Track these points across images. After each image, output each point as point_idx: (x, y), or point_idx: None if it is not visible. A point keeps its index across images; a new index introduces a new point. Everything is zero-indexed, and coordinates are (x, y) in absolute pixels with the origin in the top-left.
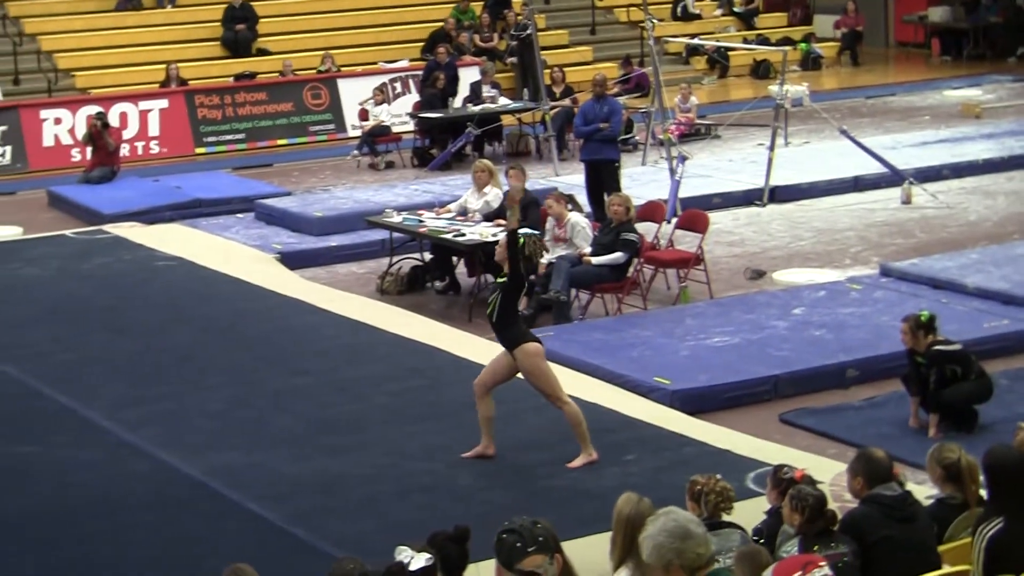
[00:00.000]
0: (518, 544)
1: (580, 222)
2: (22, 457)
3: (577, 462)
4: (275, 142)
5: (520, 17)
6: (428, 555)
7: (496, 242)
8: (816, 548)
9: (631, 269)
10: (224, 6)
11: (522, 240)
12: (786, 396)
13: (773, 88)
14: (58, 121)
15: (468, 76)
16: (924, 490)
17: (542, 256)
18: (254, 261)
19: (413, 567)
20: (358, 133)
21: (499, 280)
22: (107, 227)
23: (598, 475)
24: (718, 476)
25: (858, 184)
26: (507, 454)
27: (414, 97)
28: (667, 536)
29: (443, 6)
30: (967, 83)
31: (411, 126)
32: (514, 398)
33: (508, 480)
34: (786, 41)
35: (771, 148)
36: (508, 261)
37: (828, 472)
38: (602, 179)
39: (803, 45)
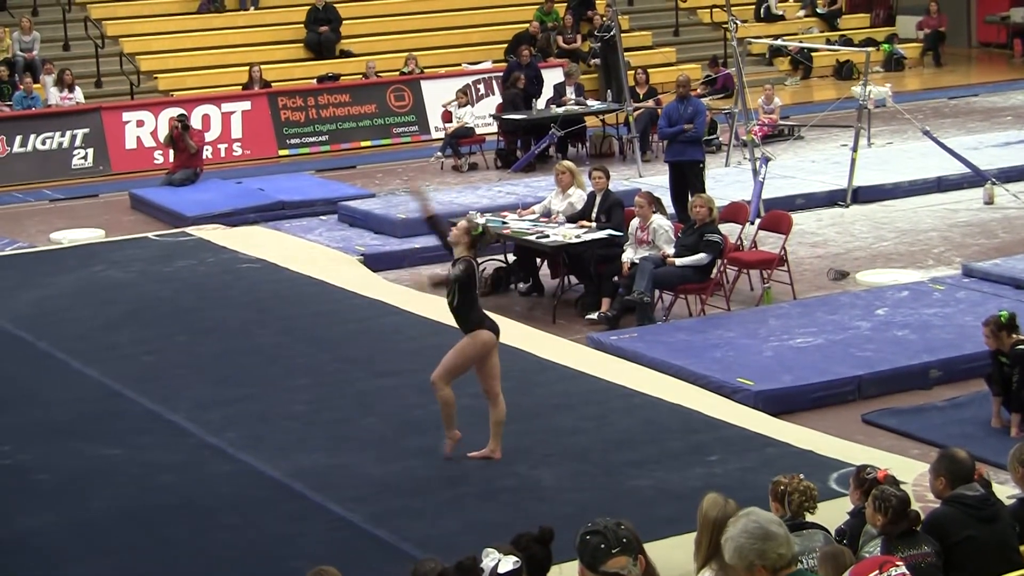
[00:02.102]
0: (602, 545)
1: (663, 225)
2: (106, 459)
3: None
4: (358, 144)
5: (604, 18)
6: (516, 558)
7: (581, 243)
8: (899, 549)
9: (715, 270)
10: (307, 8)
11: (480, 229)
12: (869, 397)
13: (856, 89)
14: (140, 123)
15: (552, 77)
16: (1006, 490)
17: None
18: (337, 263)
19: (501, 570)
20: (441, 135)
21: (456, 270)
22: (190, 229)
23: (682, 476)
24: (801, 476)
25: (941, 185)
26: (592, 455)
27: (497, 99)
28: (748, 537)
29: (526, 8)
30: None
31: (494, 128)
32: (600, 399)
33: (592, 481)
34: (869, 42)
35: (854, 149)
36: (467, 247)
37: (911, 472)
38: (687, 180)
39: (886, 46)
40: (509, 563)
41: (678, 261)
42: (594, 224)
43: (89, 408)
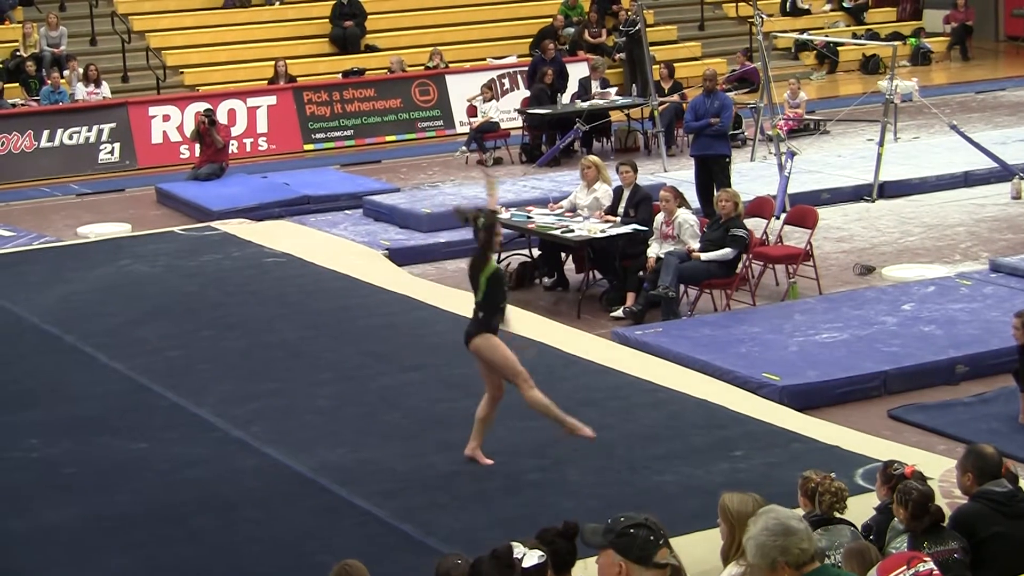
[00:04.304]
0: (651, 537)
1: (688, 219)
2: (132, 453)
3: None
4: (383, 138)
5: (629, 13)
6: (540, 552)
7: (605, 238)
8: (926, 545)
9: (740, 265)
10: (332, 2)
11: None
12: (895, 392)
13: (882, 83)
14: (167, 118)
15: (577, 72)
16: None
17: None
18: (362, 257)
19: (526, 564)
20: (466, 129)
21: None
22: (215, 224)
23: (707, 471)
24: (832, 475)
25: (968, 179)
26: (617, 450)
27: (522, 93)
28: (769, 535)
29: (551, 2)
30: None
31: (519, 122)
32: (624, 394)
33: (617, 476)
34: (895, 36)
35: (880, 143)
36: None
37: (937, 468)
38: (712, 174)
39: (912, 40)
40: (534, 557)
41: (703, 256)
42: (620, 218)
43: (116, 403)
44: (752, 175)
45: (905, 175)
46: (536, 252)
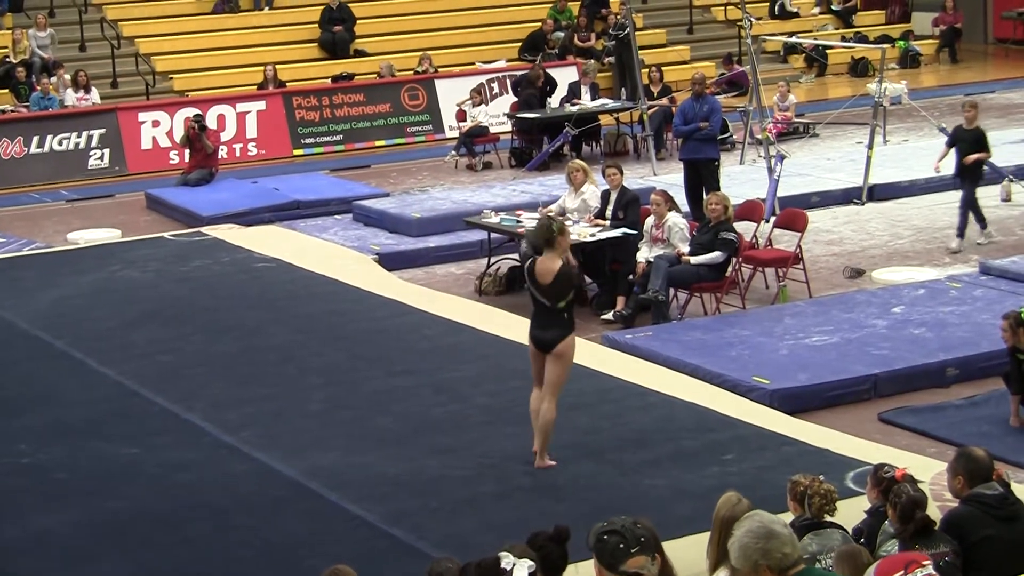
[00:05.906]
0: (621, 545)
1: (678, 223)
2: (124, 459)
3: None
4: (373, 143)
5: (618, 17)
6: (531, 562)
7: (595, 242)
8: (917, 548)
9: (730, 268)
10: (321, 8)
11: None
12: (886, 395)
13: (871, 86)
14: (156, 124)
15: (564, 77)
16: None
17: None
18: (352, 262)
19: (517, 575)
20: (456, 134)
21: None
22: (205, 229)
23: (698, 475)
24: (821, 477)
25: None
26: (608, 453)
27: (511, 98)
28: (752, 537)
29: (540, 6)
30: None
31: (508, 126)
32: (615, 398)
33: (608, 480)
34: (884, 39)
35: (870, 146)
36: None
37: (928, 471)
38: (702, 178)
39: (901, 43)
40: (524, 568)
41: (693, 259)
42: (609, 222)
43: (107, 408)
44: (742, 178)
45: (894, 178)
46: None
